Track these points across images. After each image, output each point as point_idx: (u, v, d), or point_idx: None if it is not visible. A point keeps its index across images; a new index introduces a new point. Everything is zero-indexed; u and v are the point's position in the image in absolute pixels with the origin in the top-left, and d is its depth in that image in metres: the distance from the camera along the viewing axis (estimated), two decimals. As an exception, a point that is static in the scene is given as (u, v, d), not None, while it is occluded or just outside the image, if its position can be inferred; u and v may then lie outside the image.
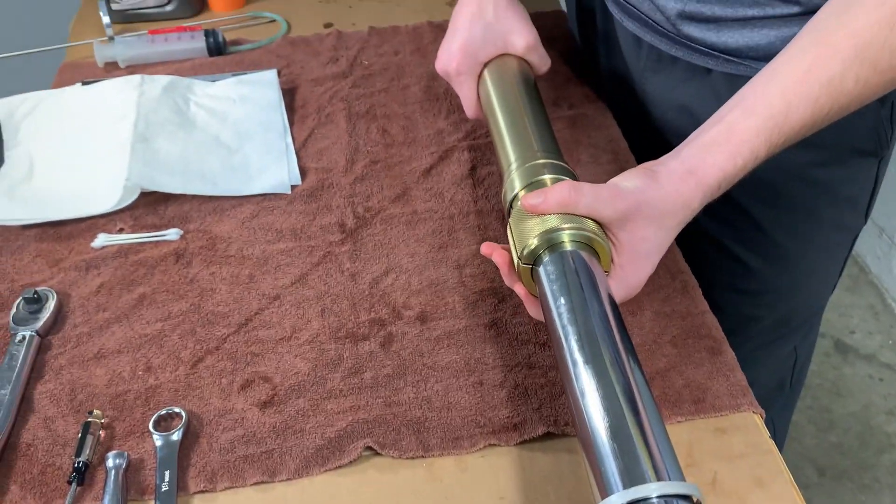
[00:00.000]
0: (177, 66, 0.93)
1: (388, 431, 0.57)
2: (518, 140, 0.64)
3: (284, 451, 0.56)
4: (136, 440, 0.57)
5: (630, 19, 0.78)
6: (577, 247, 0.53)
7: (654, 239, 0.54)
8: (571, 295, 0.50)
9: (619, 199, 0.52)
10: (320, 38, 0.97)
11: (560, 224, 0.53)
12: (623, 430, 0.42)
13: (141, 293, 0.68)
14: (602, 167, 0.78)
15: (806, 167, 0.74)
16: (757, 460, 0.55)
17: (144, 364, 0.62)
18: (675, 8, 0.70)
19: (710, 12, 0.68)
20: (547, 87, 0.89)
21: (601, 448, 0.42)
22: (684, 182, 0.53)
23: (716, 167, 0.53)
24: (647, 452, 0.42)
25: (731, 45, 0.69)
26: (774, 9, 0.65)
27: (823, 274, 0.89)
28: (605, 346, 0.47)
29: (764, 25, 0.67)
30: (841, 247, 0.87)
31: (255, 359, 0.62)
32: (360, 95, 0.88)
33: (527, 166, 0.60)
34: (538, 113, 0.68)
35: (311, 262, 0.69)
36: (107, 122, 0.81)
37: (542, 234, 0.53)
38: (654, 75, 0.79)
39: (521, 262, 0.54)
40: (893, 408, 1.64)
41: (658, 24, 0.74)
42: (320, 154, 0.80)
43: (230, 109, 0.85)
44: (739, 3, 0.66)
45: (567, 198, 0.53)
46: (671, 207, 0.53)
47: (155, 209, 0.75)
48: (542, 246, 0.53)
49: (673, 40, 0.73)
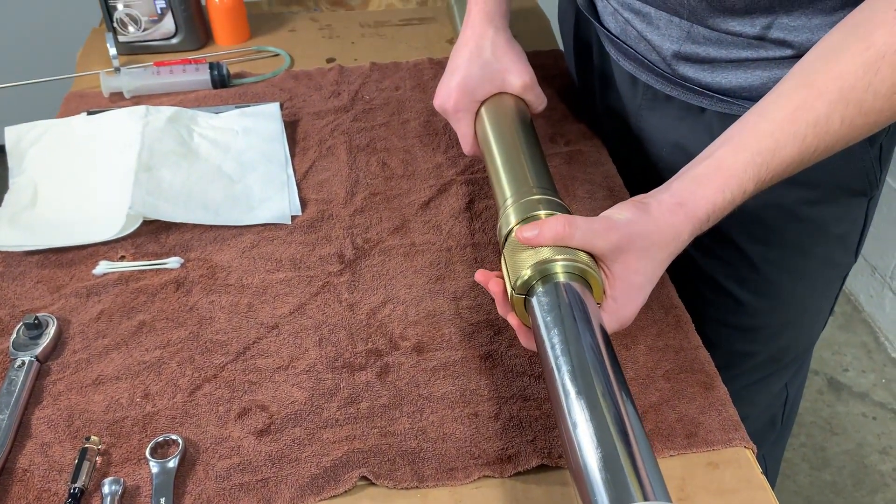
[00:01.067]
0: (181, 97, 0.95)
1: (383, 461, 0.57)
2: (514, 176, 0.65)
3: (280, 480, 0.56)
4: (132, 467, 0.57)
5: (626, 59, 0.79)
6: (569, 278, 0.54)
7: (645, 271, 0.55)
8: (565, 325, 0.51)
9: (612, 232, 0.54)
10: (323, 72, 0.98)
11: (553, 255, 0.54)
12: (612, 456, 0.43)
13: (141, 320, 0.68)
14: (598, 203, 0.80)
15: (798, 205, 0.76)
16: (749, 495, 0.56)
17: (142, 391, 0.63)
18: (671, 49, 0.72)
19: (704, 53, 0.70)
20: (544, 123, 0.91)
21: (590, 472, 0.43)
22: (674, 214, 0.54)
23: (705, 200, 0.55)
24: (636, 475, 0.42)
25: (725, 85, 0.71)
26: (768, 51, 0.67)
27: (815, 311, 0.90)
28: (597, 376, 0.47)
29: (757, 67, 0.69)
30: (832, 284, 0.88)
31: (253, 387, 0.63)
32: (361, 129, 0.89)
33: (522, 202, 0.61)
34: (534, 150, 0.69)
35: (310, 291, 0.70)
36: (111, 152, 0.83)
37: (535, 266, 0.54)
38: (649, 113, 0.80)
39: (515, 292, 0.55)
40: (887, 447, 1.64)
41: (654, 63, 0.75)
42: (321, 186, 0.82)
43: (233, 141, 0.86)
44: (734, 45, 0.68)
45: (561, 231, 0.54)
46: (662, 239, 0.55)
47: (157, 237, 0.76)
48: (535, 277, 0.54)
49: (668, 80, 0.75)
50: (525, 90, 0.74)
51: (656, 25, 0.73)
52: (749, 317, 0.86)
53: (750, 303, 0.84)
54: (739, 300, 0.84)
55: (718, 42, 0.69)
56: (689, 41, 0.71)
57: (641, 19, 0.74)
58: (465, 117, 0.74)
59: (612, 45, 0.82)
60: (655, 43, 0.74)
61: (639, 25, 0.75)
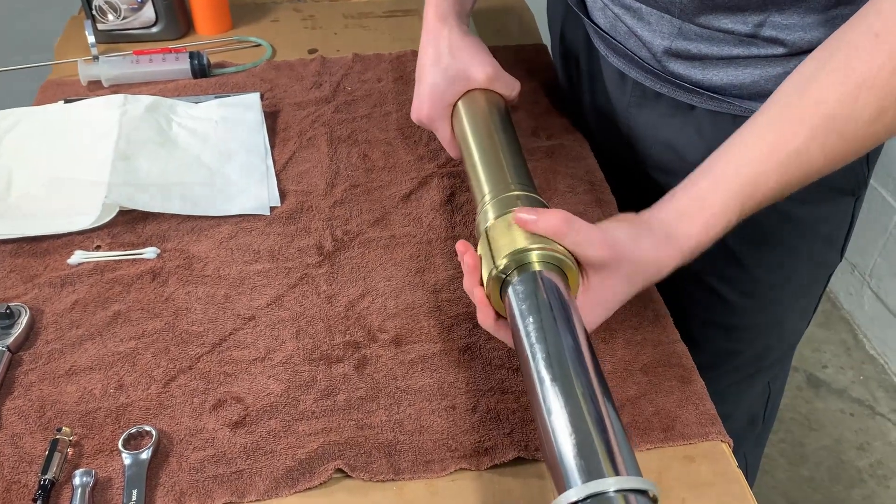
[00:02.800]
0: (161, 86, 0.94)
1: (359, 454, 0.57)
2: (492, 172, 0.65)
3: (254, 472, 0.56)
4: (104, 458, 0.57)
5: (616, 55, 0.79)
6: (546, 268, 0.54)
7: (620, 292, 0.55)
8: (541, 314, 0.51)
9: (605, 247, 0.53)
10: (304, 63, 0.98)
11: (529, 244, 0.54)
12: (583, 430, 0.43)
13: (116, 311, 0.67)
14: (579, 197, 0.80)
15: (787, 205, 0.75)
16: (724, 489, 0.56)
17: (116, 382, 0.62)
18: (662, 45, 0.71)
19: (696, 50, 0.70)
20: (526, 117, 0.90)
21: (562, 447, 0.43)
22: (663, 247, 0.54)
23: (688, 238, 0.55)
24: (606, 450, 0.42)
25: (716, 82, 0.70)
26: (759, 49, 0.67)
27: (799, 310, 0.90)
28: (573, 365, 0.47)
29: (748, 65, 0.68)
30: (817, 283, 0.88)
31: (228, 379, 0.62)
32: (342, 120, 0.89)
33: (500, 198, 0.60)
34: (512, 145, 0.68)
35: (288, 283, 0.70)
36: (88, 140, 0.82)
37: (512, 254, 0.54)
38: (638, 110, 0.80)
39: (491, 280, 0.55)
40: (864, 443, 1.66)
41: (644, 60, 0.75)
42: (300, 177, 0.81)
43: (212, 130, 0.85)
44: (725, 43, 0.68)
45: (558, 227, 0.53)
46: (647, 269, 0.55)
47: (133, 227, 0.75)
48: (512, 266, 0.54)
49: (658, 77, 0.74)
50: (490, 81, 0.73)
51: (647, 21, 0.72)
52: (734, 316, 0.86)
53: (736, 302, 0.84)
54: (725, 299, 0.84)
55: (710, 39, 0.68)
56: (680, 38, 0.70)
57: (632, 15, 0.74)
58: (442, 124, 0.74)
59: (601, 41, 0.81)
60: (646, 39, 0.73)
61: (629, 21, 0.74)
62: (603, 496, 0.40)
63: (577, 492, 0.41)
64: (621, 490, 0.40)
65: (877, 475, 1.60)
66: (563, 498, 0.41)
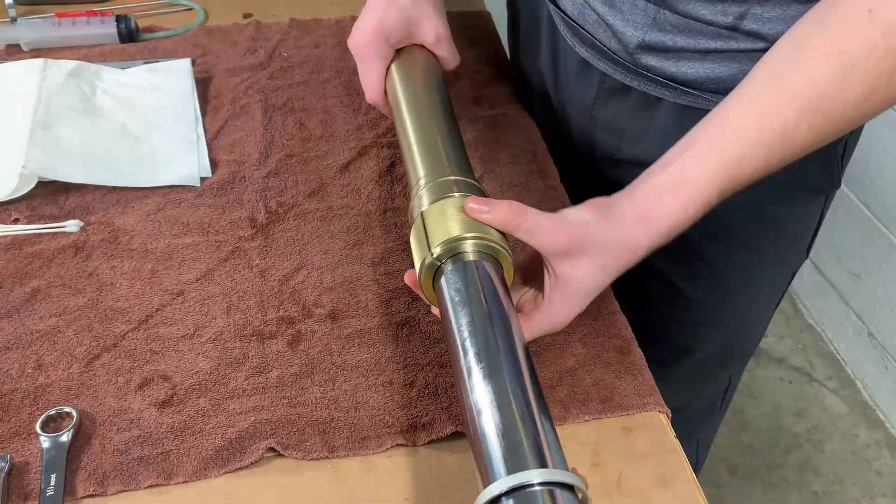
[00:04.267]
0: (85, 51, 0.89)
1: (292, 432, 0.55)
2: (428, 153, 0.62)
3: (182, 453, 0.54)
4: (21, 442, 0.54)
5: (583, 45, 0.74)
6: (480, 257, 0.52)
7: (592, 280, 0.52)
8: (472, 306, 0.49)
9: (561, 232, 0.51)
10: (238, 27, 0.94)
11: (463, 233, 0.52)
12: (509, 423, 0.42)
13: (35, 287, 0.64)
14: (522, 167, 0.78)
15: (759, 204, 0.73)
16: (661, 459, 0.56)
17: (35, 361, 0.59)
18: (636, 37, 0.67)
19: (671, 42, 0.66)
20: (469, 86, 0.88)
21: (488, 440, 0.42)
22: (634, 226, 0.52)
23: (667, 215, 0.52)
24: (532, 443, 0.41)
25: (691, 76, 0.67)
26: (738, 43, 0.63)
27: (762, 307, 0.89)
28: (505, 361, 0.46)
29: (726, 59, 0.65)
30: (782, 281, 0.87)
31: (155, 357, 0.59)
32: (278, 87, 0.85)
33: (437, 182, 0.58)
34: (450, 124, 0.65)
35: (219, 257, 0.67)
36: (4, 107, 0.77)
37: (444, 243, 0.52)
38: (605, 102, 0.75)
39: (424, 269, 0.53)
40: (801, 409, 1.71)
41: (613, 52, 0.70)
42: (233, 146, 0.78)
43: (139, 98, 0.81)
44: (702, 35, 0.64)
45: (509, 219, 0.51)
46: (617, 250, 0.52)
47: (54, 199, 0.71)
48: (445, 255, 0.52)
49: (628, 69, 0.70)
50: (438, 42, 0.70)
51: (619, 9, 0.67)
52: (697, 313, 0.84)
53: (699, 300, 0.82)
54: (688, 297, 0.82)
55: (686, 30, 0.64)
56: (654, 28, 0.65)
57: (603, 2, 0.68)
58: (375, 62, 0.69)
59: (567, 29, 0.75)
60: (618, 29, 0.68)
61: (600, 8, 0.69)
62: (527, 489, 0.39)
63: (501, 484, 0.40)
64: (546, 483, 0.39)
65: (813, 440, 1.65)
66: (487, 491, 0.40)
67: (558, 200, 0.75)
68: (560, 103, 0.82)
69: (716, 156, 0.51)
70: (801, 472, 1.59)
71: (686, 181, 0.52)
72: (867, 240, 1.65)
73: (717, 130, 0.52)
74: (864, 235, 1.65)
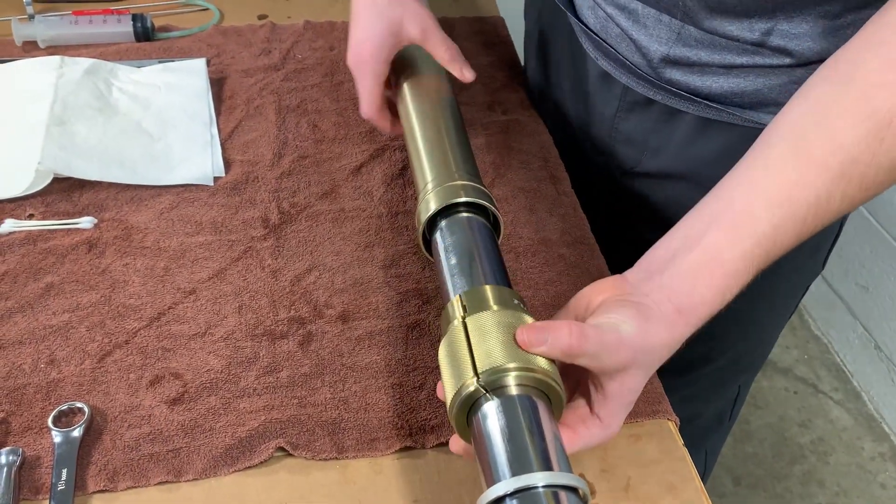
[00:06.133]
0: (101, 49, 0.89)
1: (301, 432, 0.55)
2: (435, 158, 0.61)
3: (192, 451, 0.54)
4: (33, 436, 0.54)
5: (605, 58, 0.73)
6: (525, 391, 0.44)
7: (638, 388, 0.48)
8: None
9: (623, 349, 0.45)
10: (253, 29, 0.94)
11: (506, 363, 0.44)
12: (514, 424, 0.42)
13: (48, 282, 0.64)
14: (533, 173, 0.79)
15: None
16: (670, 466, 0.56)
17: (48, 356, 0.59)
18: (660, 52, 0.66)
19: (696, 57, 0.64)
20: (482, 91, 0.89)
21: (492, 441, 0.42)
22: (674, 324, 0.47)
23: (704, 306, 0.47)
24: (537, 447, 0.41)
25: (716, 89, 0.65)
26: (765, 58, 0.62)
27: (776, 319, 0.88)
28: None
29: (751, 73, 0.63)
30: (795, 293, 0.86)
31: (167, 354, 0.60)
32: (292, 89, 0.86)
33: (444, 186, 0.58)
34: (459, 132, 0.66)
35: (231, 256, 0.67)
36: (21, 103, 0.78)
37: (487, 374, 0.44)
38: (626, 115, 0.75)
39: (456, 407, 0.45)
40: (806, 420, 1.70)
41: (636, 66, 0.69)
42: (246, 146, 0.78)
43: (154, 96, 0.82)
44: (727, 50, 0.63)
45: (574, 346, 0.44)
46: (661, 353, 0.47)
47: (69, 196, 0.72)
48: (488, 386, 0.44)
49: (651, 83, 0.69)
50: (426, 37, 0.68)
51: (643, 24, 0.66)
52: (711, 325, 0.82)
53: None
54: None
55: (712, 45, 0.63)
56: (679, 43, 0.65)
57: (627, 16, 0.68)
58: (369, 78, 0.69)
59: (588, 42, 0.74)
60: (641, 43, 0.67)
61: (623, 23, 0.68)
62: (531, 491, 0.39)
63: (506, 485, 0.40)
64: (550, 486, 0.39)
65: (818, 451, 1.64)
66: (492, 491, 0.40)
67: (569, 206, 0.75)
68: (579, 115, 0.81)
69: (749, 234, 0.47)
70: (805, 484, 1.59)
71: (720, 264, 0.47)
72: (875, 252, 1.65)
73: (746, 205, 0.47)
74: (873, 248, 1.65)
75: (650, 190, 0.78)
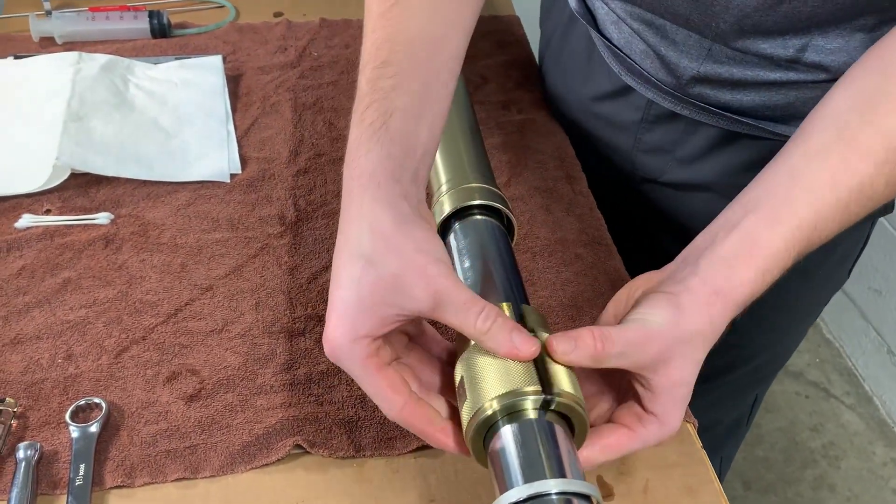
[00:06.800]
0: (117, 45, 0.90)
1: (319, 430, 0.55)
2: (450, 160, 0.61)
3: (209, 447, 0.54)
4: (50, 431, 0.54)
5: (629, 73, 0.71)
6: (543, 415, 0.42)
7: (688, 380, 0.45)
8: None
9: (653, 343, 0.43)
10: (269, 26, 0.94)
11: (524, 386, 0.42)
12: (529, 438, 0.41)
13: (65, 278, 0.64)
14: (549, 173, 0.78)
15: None
16: (688, 469, 0.55)
17: (65, 351, 0.59)
18: (691, 69, 0.64)
19: (727, 74, 0.63)
20: (497, 91, 0.88)
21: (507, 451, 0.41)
22: (711, 306, 0.45)
23: (743, 286, 0.45)
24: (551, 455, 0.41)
25: (746, 103, 0.64)
26: (799, 74, 0.60)
27: (800, 327, 0.87)
28: None
29: (783, 87, 0.62)
30: (821, 302, 0.84)
31: (184, 350, 0.60)
32: (308, 87, 0.86)
33: (458, 189, 0.57)
34: (474, 134, 0.65)
35: (248, 253, 0.67)
36: (39, 99, 0.78)
37: (501, 398, 0.42)
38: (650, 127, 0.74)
39: (472, 430, 0.43)
40: (817, 424, 1.69)
41: (663, 83, 0.68)
42: (263, 143, 0.78)
43: (171, 93, 0.82)
44: (760, 67, 0.61)
45: (599, 350, 0.42)
46: (702, 339, 0.45)
47: (86, 191, 0.72)
48: (502, 413, 0.42)
49: (679, 99, 0.68)
50: (437, 305, 0.42)
51: (672, 40, 0.64)
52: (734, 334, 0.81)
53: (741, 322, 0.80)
54: None
55: (744, 62, 0.61)
56: (710, 60, 0.63)
57: (654, 32, 0.65)
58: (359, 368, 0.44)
59: (612, 57, 0.72)
60: (670, 60, 0.65)
61: (651, 38, 0.66)
62: (544, 498, 0.39)
63: (519, 492, 0.39)
64: (563, 493, 0.39)
65: (829, 456, 1.64)
66: (505, 498, 0.40)
67: (586, 206, 0.75)
68: (599, 125, 0.80)
69: (789, 219, 0.46)
70: (816, 489, 1.58)
71: (759, 247, 0.45)
72: (889, 256, 1.64)
73: (786, 190, 0.46)
74: (886, 252, 1.64)
75: (672, 199, 0.77)
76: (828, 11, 0.57)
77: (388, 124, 0.45)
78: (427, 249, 0.42)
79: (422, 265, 0.41)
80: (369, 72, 0.48)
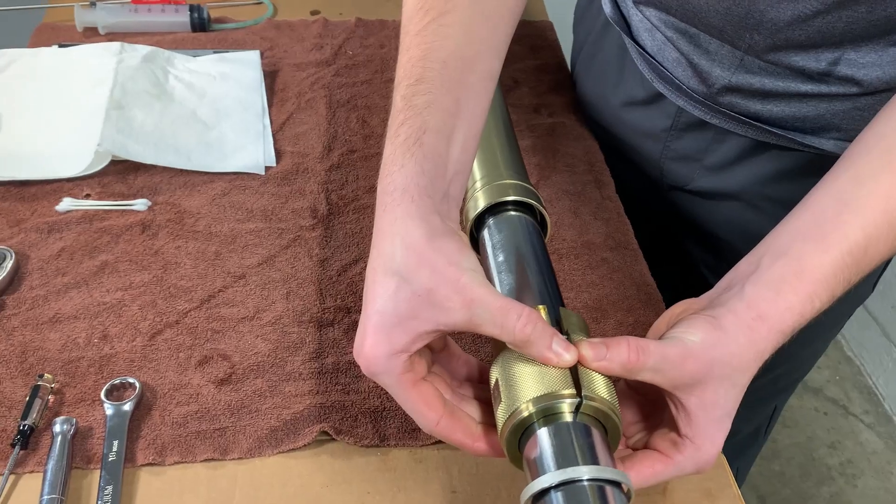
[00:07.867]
0: (158, 38, 0.92)
1: (345, 418, 0.56)
2: (484, 158, 0.62)
3: (238, 430, 0.55)
4: (86, 408, 0.56)
5: (660, 80, 0.72)
6: (579, 418, 0.42)
7: (726, 403, 0.45)
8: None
9: (689, 360, 0.42)
10: (306, 24, 0.96)
11: (560, 389, 0.42)
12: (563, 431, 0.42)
13: (103, 261, 0.66)
14: (578, 176, 0.79)
15: None
16: (708, 473, 0.55)
17: (101, 332, 0.61)
18: (723, 78, 0.64)
19: (759, 84, 0.63)
20: (529, 94, 0.89)
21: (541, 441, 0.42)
22: (755, 330, 0.44)
23: (791, 312, 0.44)
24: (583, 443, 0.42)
25: (776, 114, 0.64)
26: (831, 87, 0.61)
27: (822, 338, 0.87)
28: None
29: (814, 99, 0.63)
30: (845, 315, 0.84)
31: (216, 336, 0.61)
32: (342, 84, 0.87)
33: (492, 185, 0.58)
34: (507, 131, 0.66)
35: (280, 244, 0.69)
36: (82, 86, 0.80)
37: (537, 400, 0.42)
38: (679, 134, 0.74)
39: (508, 432, 0.43)
40: (835, 441, 1.68)
41: (694, 91, 0.68)
42: (297, 138, 0.80)
43: (209, 86, 0.84)
44: (791, 79, 0.61)
45: (633, 360, 0.41)
46: (744, 363, 0.44)
47: (124, 178, 0.74)
48: (538, 415, 0.43)
49: (709, 108, 0.68)
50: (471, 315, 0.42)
51: (705, 49, 0.65)
52: None
53: None
54: None
55: (776, 74, 0.62)
56: (742, 70, 0.63)
57: (688, 41, 0.66)
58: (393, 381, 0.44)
59: (644, 63, 0.73)
60: (703, 68, 0.65)
61: (684, 47, 0.67)
62: (576, 484, 0.40)
63: (551, 477, 0.40)
64: (595, 479, 0.40)
65: (846, 473, 1.62)
66: (536, 483, 0.41)
67: (613, 211, 0.76)
68: (628, 131, 0.81)
69: (839, 243, 0.44)
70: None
71: (807, 273, 0.44)
72: (914, 275, 1.63)
73: (835, 213, 0.45)
74: (912, 270, 1.63)
75: (700, 207, 0.78)
76: (862, 27, 0.57)
77: (422, 140, 0.45)
78: (458, 261, 0.42)
79: (454, 277, 0.41)
80: (403, 89, 0.48)
